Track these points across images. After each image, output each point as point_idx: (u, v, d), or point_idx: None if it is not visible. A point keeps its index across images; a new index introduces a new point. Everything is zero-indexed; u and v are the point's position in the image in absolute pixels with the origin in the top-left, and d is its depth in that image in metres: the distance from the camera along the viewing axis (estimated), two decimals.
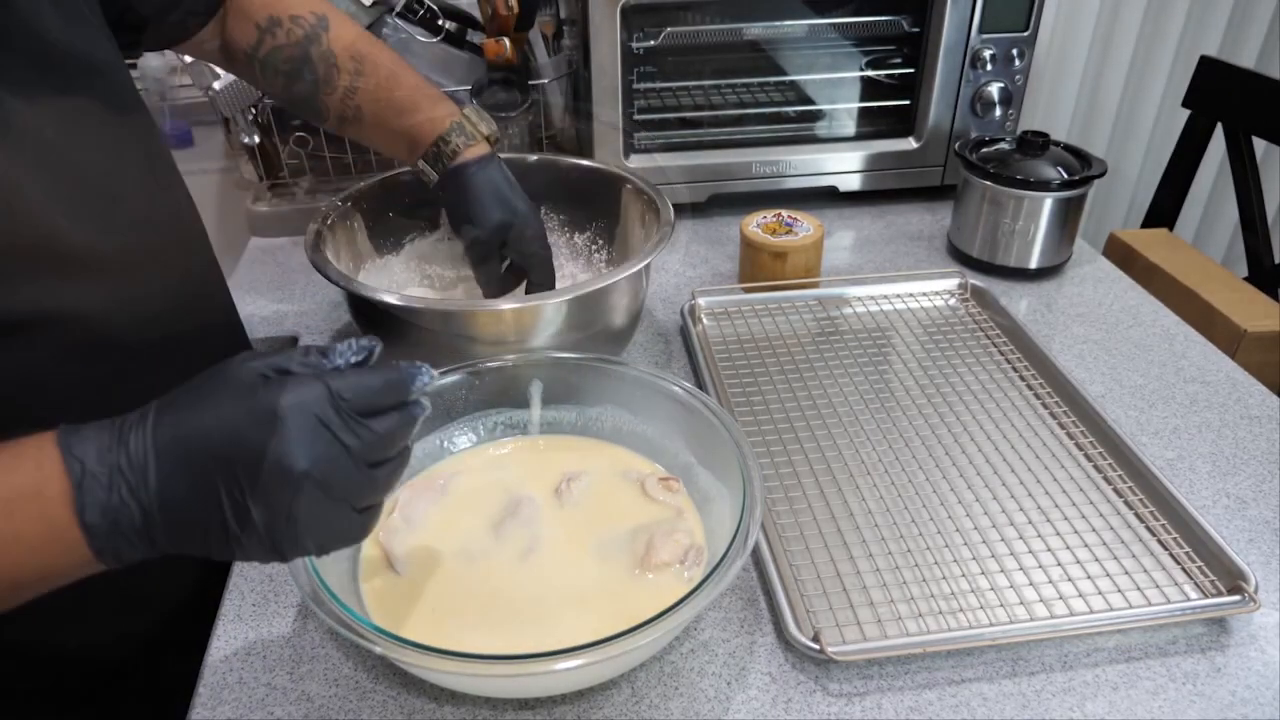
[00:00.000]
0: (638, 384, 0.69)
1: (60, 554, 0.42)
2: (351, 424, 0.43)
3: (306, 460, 0.42)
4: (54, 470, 0.41)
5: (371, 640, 0.49)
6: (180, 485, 0.42)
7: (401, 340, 0.80)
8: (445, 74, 1.16)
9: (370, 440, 0.44)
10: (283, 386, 0.43)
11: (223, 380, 0.44)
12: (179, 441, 0.42)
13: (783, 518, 0.69)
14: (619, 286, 0.77)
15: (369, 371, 0.46)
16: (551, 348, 0.75)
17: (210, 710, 0.57)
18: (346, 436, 0.43)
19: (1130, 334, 0.93)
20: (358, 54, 0.77)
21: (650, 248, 0.79)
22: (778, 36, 1.14)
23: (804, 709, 0.57)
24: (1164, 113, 1.62)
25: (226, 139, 1.26)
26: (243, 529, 0.42)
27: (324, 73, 0.76)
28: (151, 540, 0.43)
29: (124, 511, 0.41)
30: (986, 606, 0.62)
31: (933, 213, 1.18)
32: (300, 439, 0.42)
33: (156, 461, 0.42)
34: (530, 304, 0.75)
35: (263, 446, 0.41)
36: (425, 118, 0.78)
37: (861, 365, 0.87)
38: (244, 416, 0.42)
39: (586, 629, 0.52)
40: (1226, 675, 0.59)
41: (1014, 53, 1.10)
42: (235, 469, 0.42)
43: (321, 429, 0.42)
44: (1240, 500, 0.72)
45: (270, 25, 0.75)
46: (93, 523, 0.41)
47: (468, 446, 0.71)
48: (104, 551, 0.42)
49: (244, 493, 0.42)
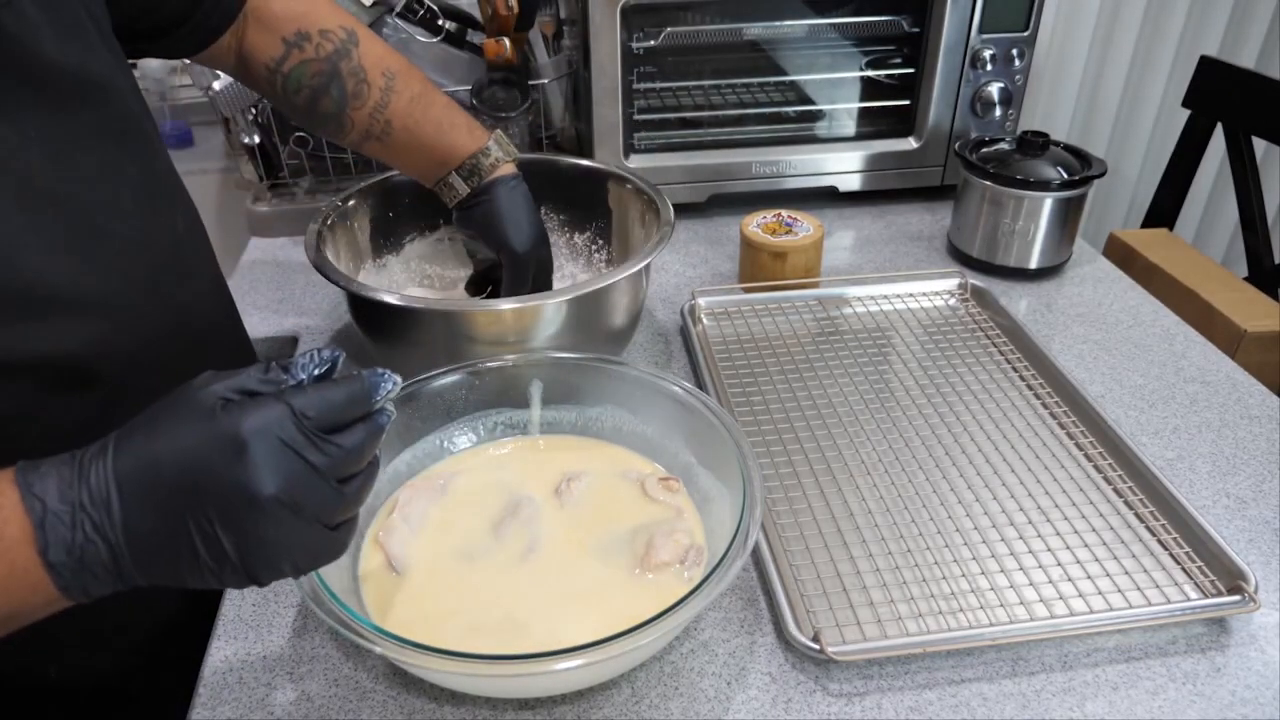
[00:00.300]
0: (638, 384, 0.69)
1: (27, 593, 0.41)
2: (317, 442, 0.42)
3: (273, 484, 0.41)
4: (13, 511, 0.40)
5: (371, 640, 0.49)
6: (146, 518, 0.41)
7: (401, 340, 0.80)
8: (445, 74, 1.16)
9: (338, 456, 0.43)
10: (243, 410, 0.42)
11: (183, 406, 0.43)
12: (141, 472, 0.41)
13: (783, 518, 0.69)
14: (619, 286, 0.77)
15: (331, 385, 0.45)
16: (551, 348, 0.75)
17: (210, 710, 0.57)
18: (313, 455, 0.42)
19: (1130, 334, 0.93)
20: (389, 70, 0.76)
21: (650, 247, 0.79)
22: (778, 36, 1.14)
23: (804, 709, 0.57)
24: (1164, 113, 1.62)
25: (226, 139, 1.26)
26: (214, 558, 0.41)
27: (353, 88, 0.76)
28: (120, 575, 0.42)
29: (90, 549, 0.41)
30: (986, 606, 0.62)
31: (933, 213, 1.18)
32: (265, 463, 0.41)
33: (120, 495, 0.41)
34: (530, 304, 0.75)
35: (228, 473, 0.41)
36: (464, 135, 0.79)
37: (861, 365, 0.87)
38: (207, 443, 0.41)
39: (586, 629, 0.51)
40: (1226, 675, 0.59)
41: (1014, 53, 1.10)
42: (201, 498, 0.41)
43: (286, 450, 0.41)
44: (1240, 500, 0.72)
45: (298, 39, 0.74)
46: (57, 561, 0.40)
47: (468, 446, 0.71)
48: (71, 589, 0.41)
49: (212, 521, 0.41)
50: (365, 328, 0.83)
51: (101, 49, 0.59)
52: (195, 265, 0.69)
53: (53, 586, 0.41)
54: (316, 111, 0.76)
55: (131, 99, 0.62)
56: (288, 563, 0.43)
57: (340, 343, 0.93)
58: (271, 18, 0.74)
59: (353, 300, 0.80)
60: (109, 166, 0.59)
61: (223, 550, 0.41)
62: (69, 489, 0.41)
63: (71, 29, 0.57)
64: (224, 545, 0.41)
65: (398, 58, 0.78)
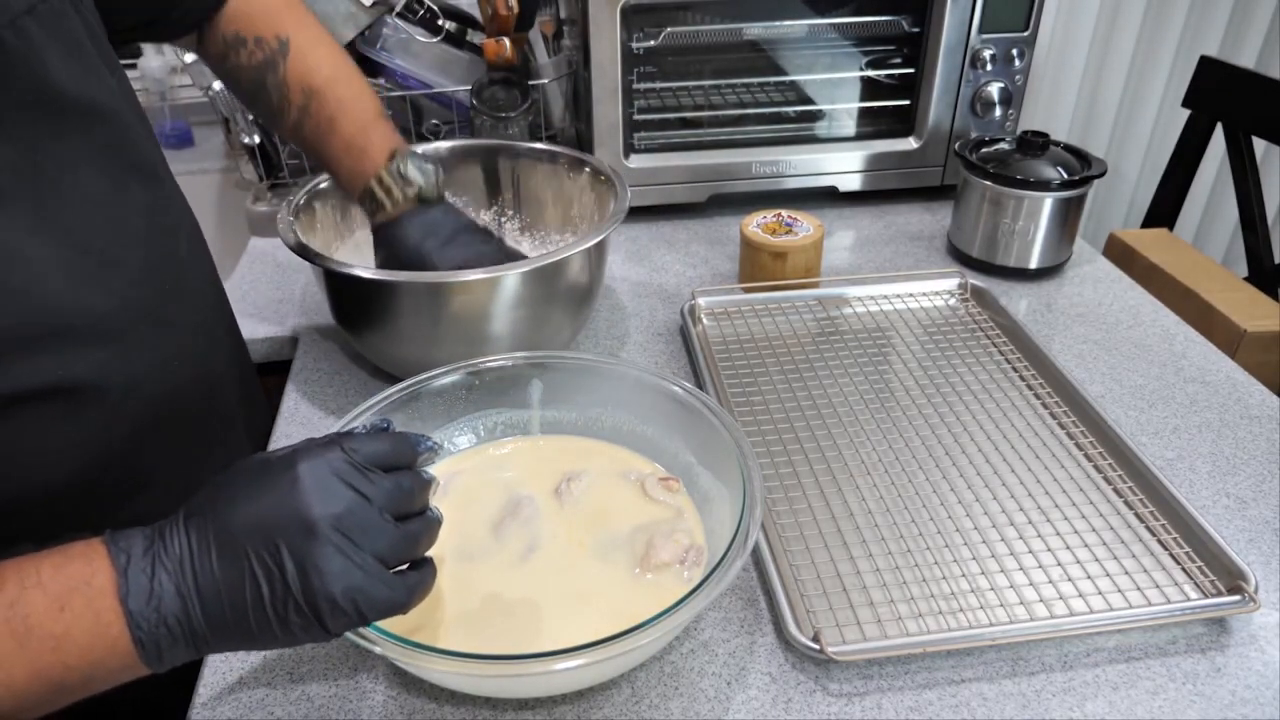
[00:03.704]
0: (638, 384, 0.69)
1: (106, 651, 0.42)
2: (366, 473, 0.45)
3: (323, 507, 0.43)
4: (101, 562, 0.43)
5: (371, 640, 0.49)
6: (213, 562, 0.43)
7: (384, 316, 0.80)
8: (445, 74, 1.16)
9: (387, 488, 0.46)
10: (296, 452, 0.45)
11: (243, 466, 0.46)
12: (209, 522, 0.44)
13: (783, 518, 0.69)
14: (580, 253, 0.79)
15: (378, 434, 0.49)
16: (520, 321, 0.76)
17: (210, 710, 0.57)
18: (362, 485, 0.45)
19: (1130, 334, 0.93)
20: (308, 88, 0.75)
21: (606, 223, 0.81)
22: (778, 36, 1.14)
23: (804, 709, 0.57)
24: (1164, 113, 1.62)
25: (226, 139, 1.26)
26: (277, 595, 0.43)
27: (277, 102, 0.75)
28: (193, 632, 0.43)
29: (165, 597, 0.42)
30: (986, 606, 0.62)
31: (932, 213, 1.18)
32: (316, 490, 0.44)
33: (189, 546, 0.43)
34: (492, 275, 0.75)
35: (285, 505, 0.43)
36: (350, 172, 0.77)
37: (861, 365, 0.87)
38: (266, 485, 0.44)
39: (586, 629, 0.51)
40: (1226, 675, 0.59)
41: (1014, 53, 1.10)
42: (263, 532, 0.43)
43: (337, 480, 0.45)
44: (1240, 500, 0.72)
45: (235, 42, 0.74)
46: (137, 610, 0.42)
47: (468, 446, 0.71)
48: (147, 646, 0.42)
49: (273, 552, 0.43)
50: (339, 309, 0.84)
51: (104, 72, 0.59)
52: (198, 284, 0.69)
53: (130, 644, 0.42)
54: (258, 115, 0.78)
55: (135, 123, 0.63)
56: (346, 599, 0.44)
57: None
58: (221, 14, 0.74)
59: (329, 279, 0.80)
60: (116, 193, 0.59)
61: (286, 586, 0.43)
62: (150, 545, 0.44)
63: (74, 52, 0.56)
64: (286, 579, 0.43)
65: (325, 71, 0.75)
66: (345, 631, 0.46)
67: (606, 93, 1.06)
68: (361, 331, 0.83)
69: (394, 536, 0.45)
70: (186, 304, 0.66)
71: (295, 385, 0.87)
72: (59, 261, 0.54)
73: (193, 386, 0.65)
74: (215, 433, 0.70)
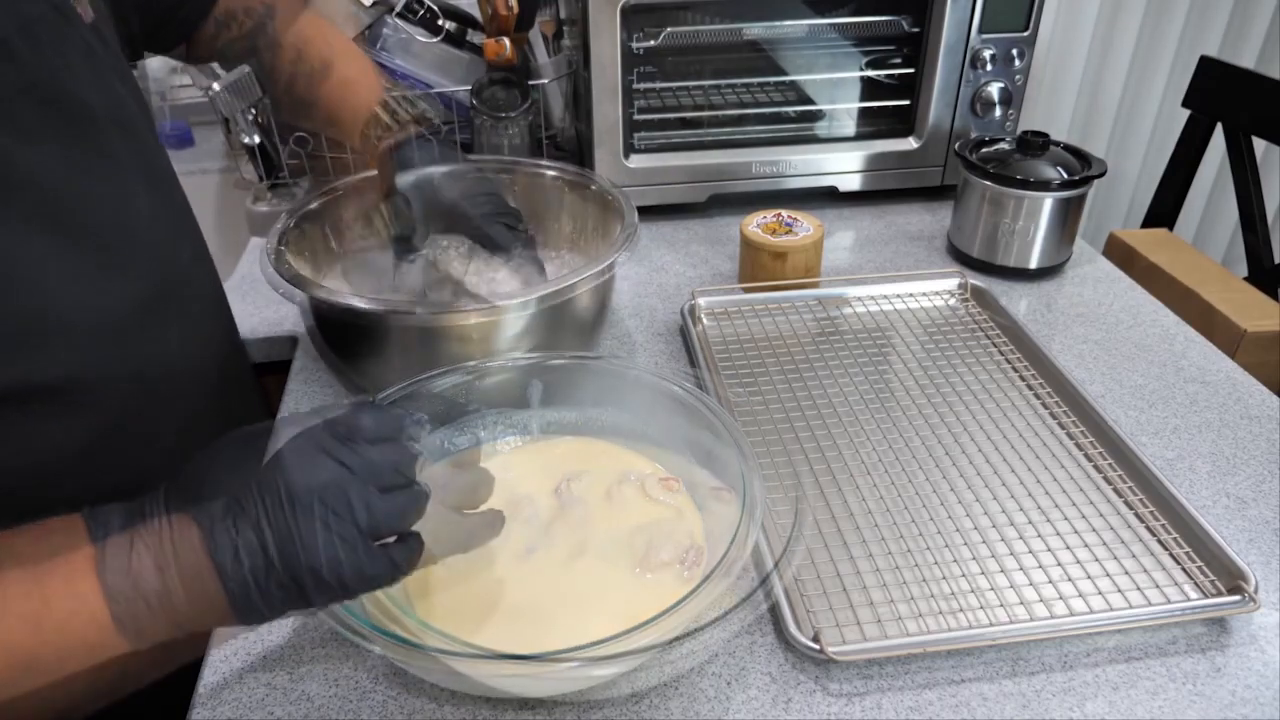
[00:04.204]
0: (638, 384, 0.69)
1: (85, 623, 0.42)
2: (349, 445, 0.45)
3: (306, 477, 0.43)
4: (80, 538, 0.43)
5: (371, 640, 0.49)
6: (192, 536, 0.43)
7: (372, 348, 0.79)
8: (445, 74, 1.16)
9: (371, 458, 0.45)
10: (279, 425, 0.46)
11: (223, 443, 0.47)
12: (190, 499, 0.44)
13: (783, 518, 0.69)
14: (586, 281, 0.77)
15: (362, 409, 0.48)
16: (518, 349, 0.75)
17: (210, 710, 0.57)
18: (345, 456, 0.44)
19: (1130, 334, 0.93)
20: (300, 39, 0.77)
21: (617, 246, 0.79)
22: (777, 37, 1.14)
23: (804, 709, 0.57)
24: (1164, 113, 1.62)
25: (226, 139, 1.26)
26: (258, 568, 0.42)
27: (270, 61, 0.77)
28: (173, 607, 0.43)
29: (142, 574, 0.42)
30: (986, 606, 0.62)
31: (933, 213, 1.18)
32: (298, 463, 0.43)
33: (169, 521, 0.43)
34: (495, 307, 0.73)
35: (267, 477, 0.43)
36: (352, 107, 0.78)
37: (861, 365, 0.87)
38: (249, 461, 0.44)
39: (586, 629, 0.51)
40: (1226, 675, 0.59)
41: (1014, 53, 1.10)
42: (243, 505, 0.43)
43: (320, 453, 0.44)
44: (1240, 500, 0.72)
45: (226, 19, 0.76)
46: (113, 584, 0.42)
47: (467, 447, 0.71)
48: (124, 619, 0.42)
49: (254, 524, 0.42)
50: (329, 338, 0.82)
51: (114, 79, 0.60)
52: (199, 287, 0.70)
53: (109, 616, 0.42)
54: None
55: (146, 129, 0.63)
56: (331, 573, 0.43)
57: None
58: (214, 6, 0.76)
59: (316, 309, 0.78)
60: (123, 196, 0.60)
61: (267, 559, 0.42)
62: (129, 520, 0.43)
63: (86, 59, 0.57)
64: (268, 552, 0.42)
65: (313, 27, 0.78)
66: (329, 605, 0.45)
67: (606, 93, 1.06)
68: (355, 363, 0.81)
69: (378, 508, 0.44)
70: (187, 305, 0.66)
71: (295, 385, 0.87)
72: (64, 261, 0.55)
73: (192, 386, 0.66)
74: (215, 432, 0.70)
